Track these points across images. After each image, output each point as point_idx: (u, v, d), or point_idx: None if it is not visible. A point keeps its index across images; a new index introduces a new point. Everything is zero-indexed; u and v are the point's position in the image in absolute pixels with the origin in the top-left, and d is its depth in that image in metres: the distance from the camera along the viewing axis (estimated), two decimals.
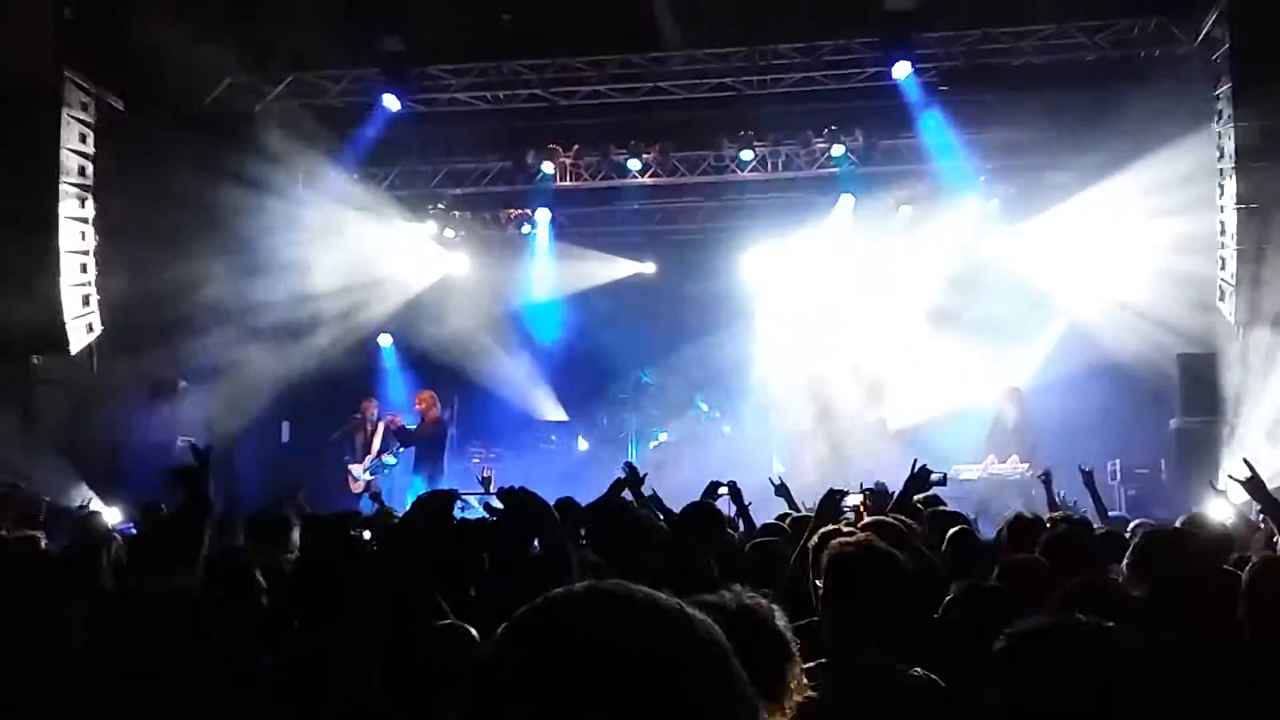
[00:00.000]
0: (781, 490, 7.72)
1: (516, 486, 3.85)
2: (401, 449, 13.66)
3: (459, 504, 3.89)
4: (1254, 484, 4.93)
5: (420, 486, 12.07)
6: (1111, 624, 2.01)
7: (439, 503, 3.50)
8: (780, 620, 2.49)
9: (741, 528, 6.58)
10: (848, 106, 13.68)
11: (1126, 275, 12.77)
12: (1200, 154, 11.64)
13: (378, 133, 13.64)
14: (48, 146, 10.75)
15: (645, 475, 6.66)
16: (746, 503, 7.05)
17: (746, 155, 14.12)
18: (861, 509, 5.93)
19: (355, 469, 13.35)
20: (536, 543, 3.56)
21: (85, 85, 11.08)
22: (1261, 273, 10.89)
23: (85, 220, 11.28)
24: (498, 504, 3.60)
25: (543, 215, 15.60)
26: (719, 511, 5.54)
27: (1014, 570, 4.13)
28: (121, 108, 11.56)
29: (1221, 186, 11.39)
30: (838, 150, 14.14)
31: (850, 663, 3.15)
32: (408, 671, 3.02)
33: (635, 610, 1.09)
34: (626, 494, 6.40)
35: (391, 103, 13.32)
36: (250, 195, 12.51)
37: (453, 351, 15.69)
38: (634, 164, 14.53)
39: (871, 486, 6.41)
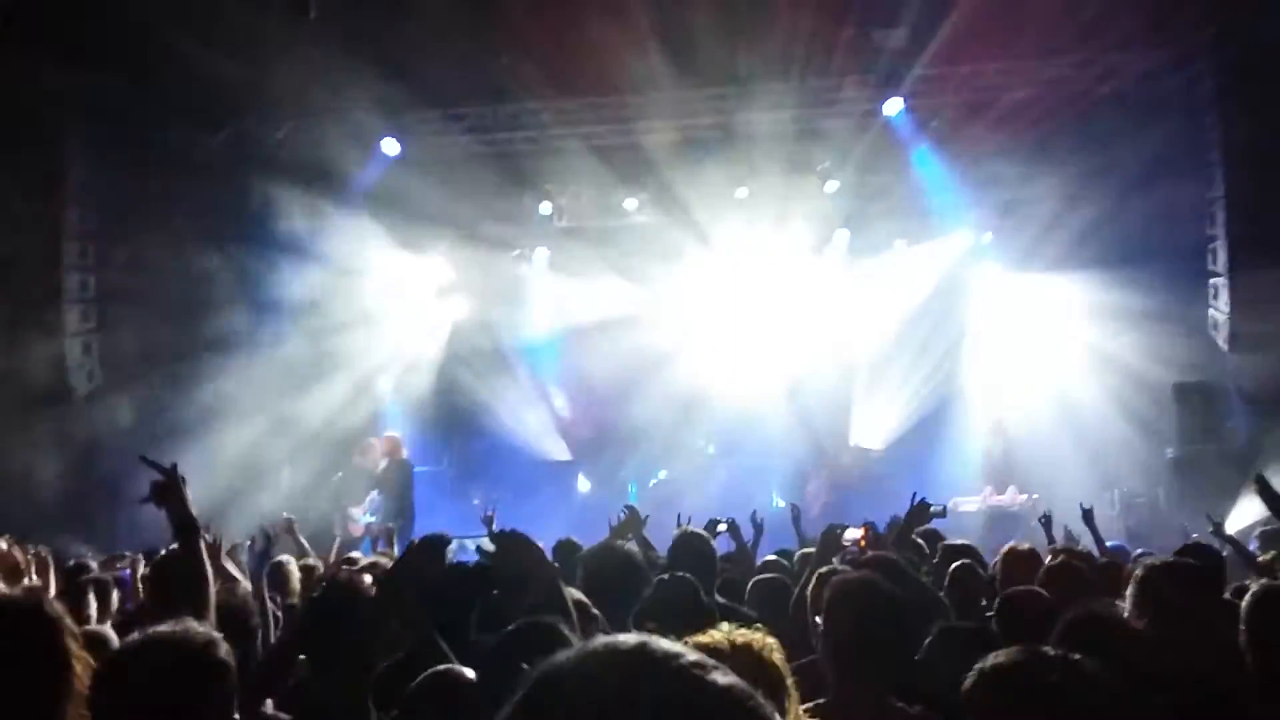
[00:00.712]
0: (794, 518, 7.80)
1: (509, 529, 3.88)
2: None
3: (455, 547, 3.90)
4: (1271, 497, 4.89)
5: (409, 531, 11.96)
6: (1078, 656, 2.04)
7: (432, 546, 3.51)
8: (777, 655, 2.51)
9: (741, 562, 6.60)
10: (841, 143, 13.81)
11: (1121, 304, 12.85)
12: (1191, 185, 11.77)
13: (377, 176, 13.80)
14: (52, 191, 10.82)
15: (647, 517, 6.68)
16: (746, 540, 7.06)
17: (741, 193, 14.24)
18: (862, 542, 5.96)
19: (354, 511, 13.25)
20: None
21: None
22: (1253, 301, 10.98)
23: (89, 268, 11.34)
24: (490, 546, 3.62)
25: (540, 254, 15.70)
26: (709, 541, 5.56)
27: (1011, 603, 4.15)
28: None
29: (1212, 216, 11.50)
30: (831, 186, 14.26)
31: (849, 700, 3.17)
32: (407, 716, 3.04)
33: (673, 681, 1.04)
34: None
35: (391, 147, 13.49)
36: (254, 237, 12.60)
37: (454, 392, 15.76)
38: (630, 203, 14.66)
39: (872, 521, 6.44)
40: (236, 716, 2.48)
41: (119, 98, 11.04)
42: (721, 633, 2.51)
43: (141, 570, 6.59)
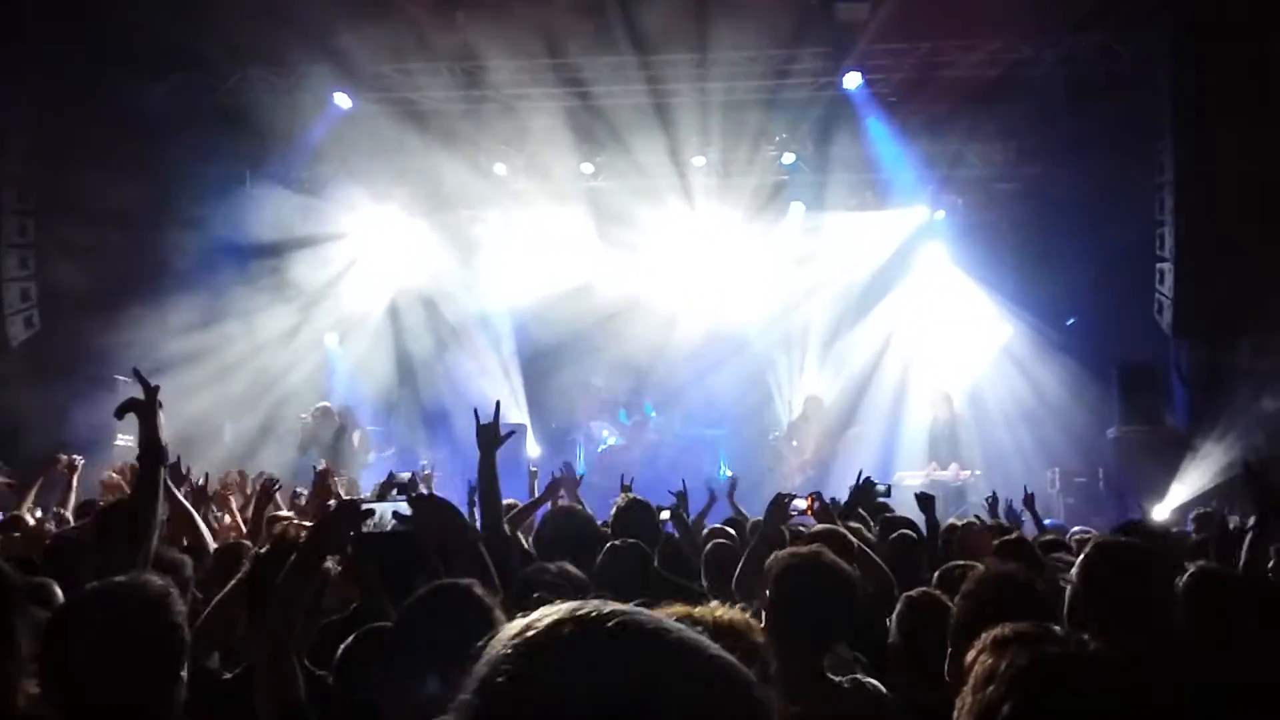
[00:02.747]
0: (730, 490, 7.83)
1: (428, 493, 3.82)
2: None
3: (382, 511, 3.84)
4: (1261, 485, 4.91)
5: None
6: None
7: (348, 511, 3.45)
8: (759, 637, 2.49)
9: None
10: (799, 115, 13.80)
11: (1067, 285, 13.03)
12: (1140, 168, 11.91)
13: (328, 131, 13.56)
14: None
15: (582, 476, 6.70)
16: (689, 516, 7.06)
17: (698, 161, 14.21)
18: (809, 511, 6.00)
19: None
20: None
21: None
22: (1197, 286, 11.16)
23: (28, 212, 11.06)
24: (407, 510, 3.58)
25: (494, 215, 15.53)
26: (653, 509, 5.57)
27: (950, 576, 4.17)
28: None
29: (1161, 201, 11.66)
30: (789, 158, 14.28)
31: (792, 673, 3.17)
32: (328, 679, 3.01)
33: (654, 650, 0.99)
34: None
35: (342, 101, 13.25)
36: (198, 189, 12.34)
37: (403, 351, 15.62)
38: (586, 167, 14.56)
39: (818, 490, 6.52)
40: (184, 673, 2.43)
41: (60, 44, 10.74)
42: (707, 609, 2.47)
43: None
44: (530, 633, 1.01)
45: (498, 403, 4.77)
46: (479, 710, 0.98)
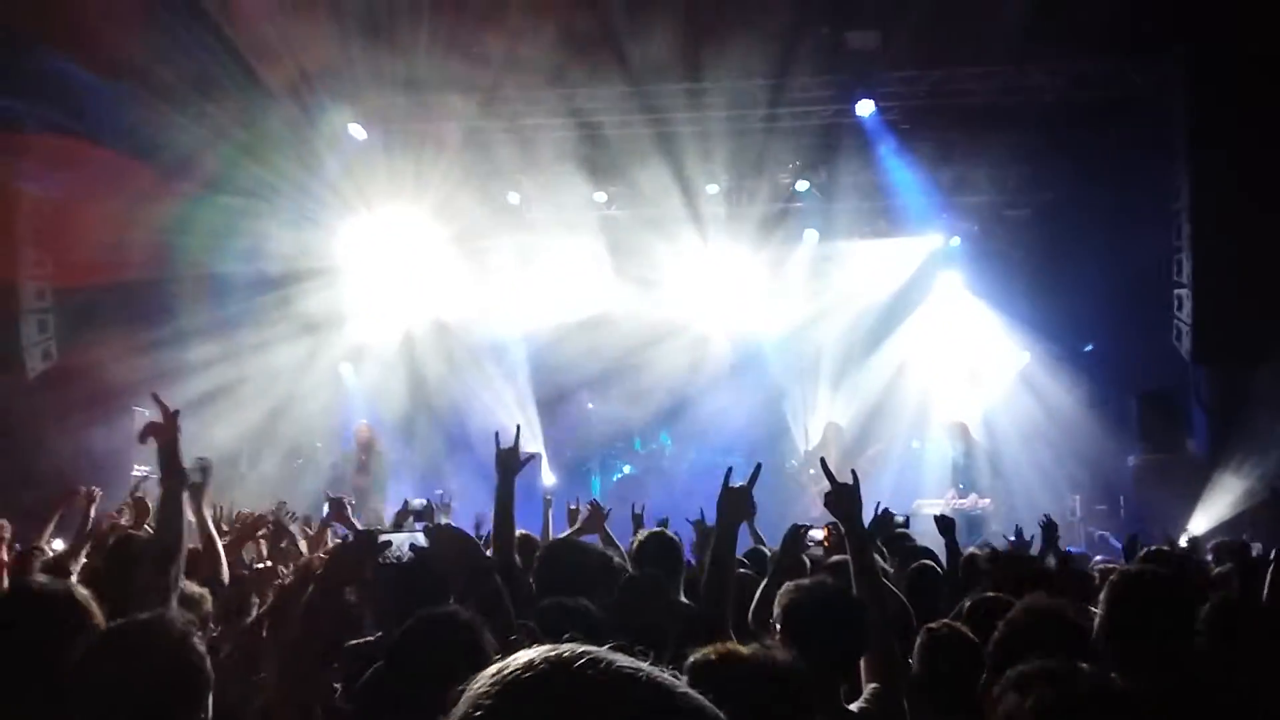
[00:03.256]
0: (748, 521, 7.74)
1: (444, 523, 3.80)
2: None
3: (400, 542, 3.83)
4: None
5: None
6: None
7: (365, 543, 3.44)
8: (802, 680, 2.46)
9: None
10: (812, 142, 13.83)
11: (1084, 311, 12.98)
12: (1156, 193, 11.88)
13: (343, 161, 13.64)
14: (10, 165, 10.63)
15: (609, 510, 6.64)
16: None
17: (711, 189, 14.23)
18: (826, 543, 5.95)
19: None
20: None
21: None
22: (1216, 312, 11.09)
23: (45, 244, 11.14)
24: (423, 541, 3.57)
25: (508, 244, 15.56)
26: (674, 540, 5.52)
27: (979, 609, 4.12)
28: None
29: (1178, 227, 11.61)
30: (802, 185, 14.29)
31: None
32: (345, 709, 2.98)
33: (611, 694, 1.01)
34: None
35: (358, 132, 13.35)
36: (215, 221, 12.41)
37: (418, 380, 15.62)
38: (599, 196, 14.60)
39: (834, 521, 6.46)
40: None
41: (79, 71, 10.86)
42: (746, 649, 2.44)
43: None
44: (504, 673, 1.04)
45: (518, 427, 4.75)
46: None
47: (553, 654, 1.05)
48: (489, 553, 4.41)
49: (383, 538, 3.10)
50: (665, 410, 15.80)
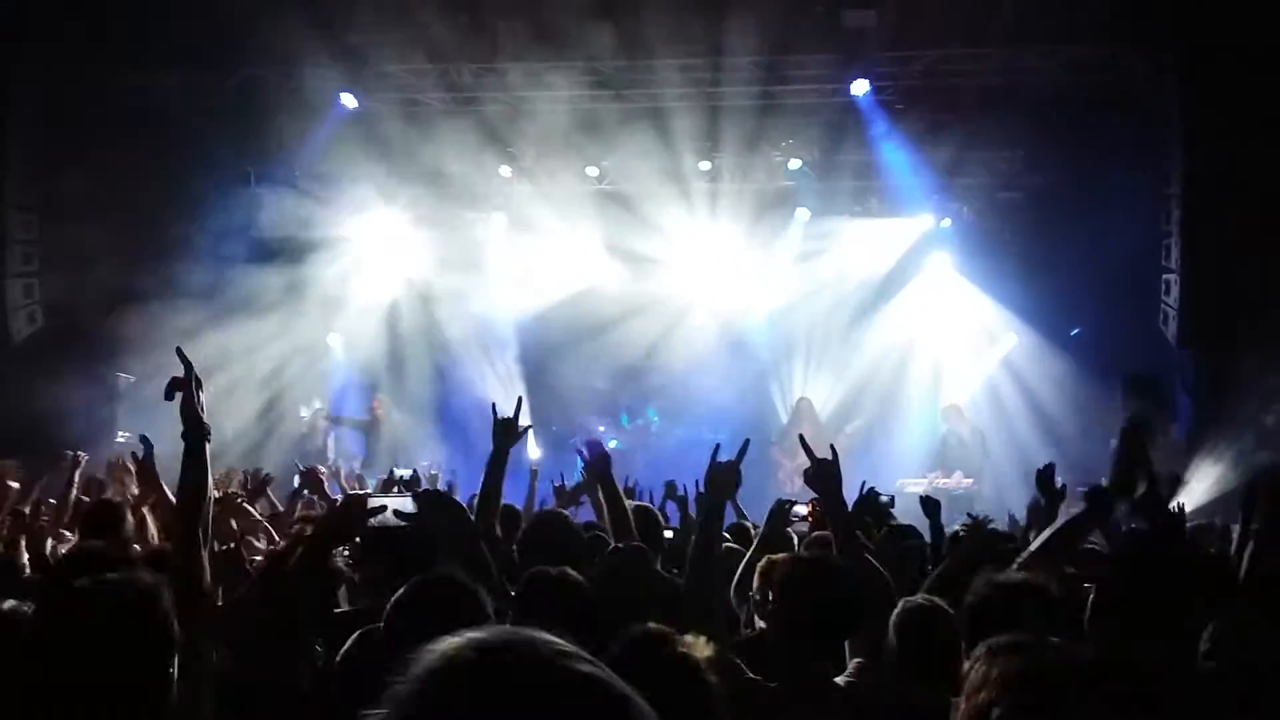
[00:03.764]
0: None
1: (432, 490, 3.82)
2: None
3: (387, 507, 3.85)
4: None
5: None
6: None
7: (353, 508, 3.45)
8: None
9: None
10: (806, 121, 13.80)
11: (1072, 294, 13.02)
12: (1147, 179, 11.90)
13: (333, 130, 13.57)
14: None
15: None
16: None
17: (704, 166, 14.21)
18: (810, 518, 5.98)
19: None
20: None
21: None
22: (1203, 297, 11.14)
23: (31, 208, 11.07)
24: (409, 507, 3.58)
25: (499, 217, 15.52)
26: (655, 512, 5.57)
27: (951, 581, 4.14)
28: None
29: (1168, 212, 11.64)
30: (794, 164, 14.27)
31: (800, 678, 3.17)
32: (333, 673, 3.00)
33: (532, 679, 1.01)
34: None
35: (349, 101, 13.27)
36: (202, 186, 12.34)
37: (405, 351, 15.61)
38: (591, 171, 14.56)
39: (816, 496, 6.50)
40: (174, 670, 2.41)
41: (65, 40, 10.77)
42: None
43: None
44: (430, 660, 1.04)
45: (519, 399, 4.81)
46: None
47: (477, 639, 1.05)
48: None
49: (371, 503, 3.11)
50: (653, 386, 15.83)
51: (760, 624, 4.12)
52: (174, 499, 5.40)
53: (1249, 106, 10.51)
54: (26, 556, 5.05)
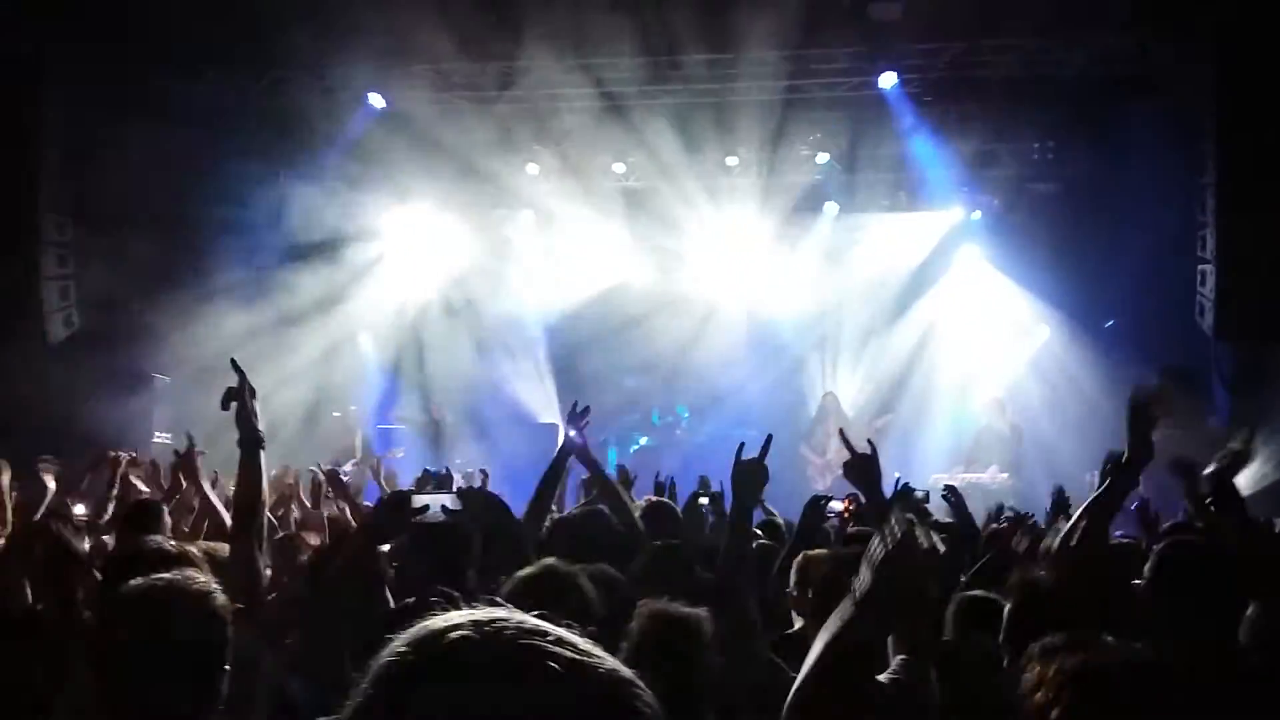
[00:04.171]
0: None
1: (475, 488, 3.85)
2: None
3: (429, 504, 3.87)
4: None
5: None
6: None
7: (398, 504, 3.46)
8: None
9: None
10: (833, 115, 13.73)
11: (1106, 286, 12.89)
12: (1181, 168, 11.76)
13: (362, 131, 13.64)
14: (28, 132, 10.62)
15: (635, 478, 6.70)
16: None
17: (731, 161, 14.16)
18: (846, 513, 5.96)
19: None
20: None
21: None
22: (1240, 287, 10.99)
23: (66, 211, 11.18)
24: (454, 505, 3.60)
25: (526, 215, 15.55)
26: (675, 509, 5.61)
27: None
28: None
29: (1203, 202, 11.50)
30: (822, 158, 14.20)
31: None
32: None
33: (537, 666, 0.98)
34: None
35: (376, 101, 13.33)
36: (233, 189, 12.43)
37: (435, 350, 15.65)
38: (618, 167, 14.56)
39: (855, 493, 6.47)
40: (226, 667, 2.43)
41: (98, 42, 10.86)
42: None
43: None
44: (423, 635, 1.02)
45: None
46: (371, 701, 1.00)
47: (475, 617, 1.03)
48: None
49: (415, 501, 3.13)
50: (682, 383, 15.80)
51: (798, 621, 4.10)
52: (211, 494, 5.49)
53: None
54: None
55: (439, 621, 1.03)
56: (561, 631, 1.02)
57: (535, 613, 1.05)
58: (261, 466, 3.26)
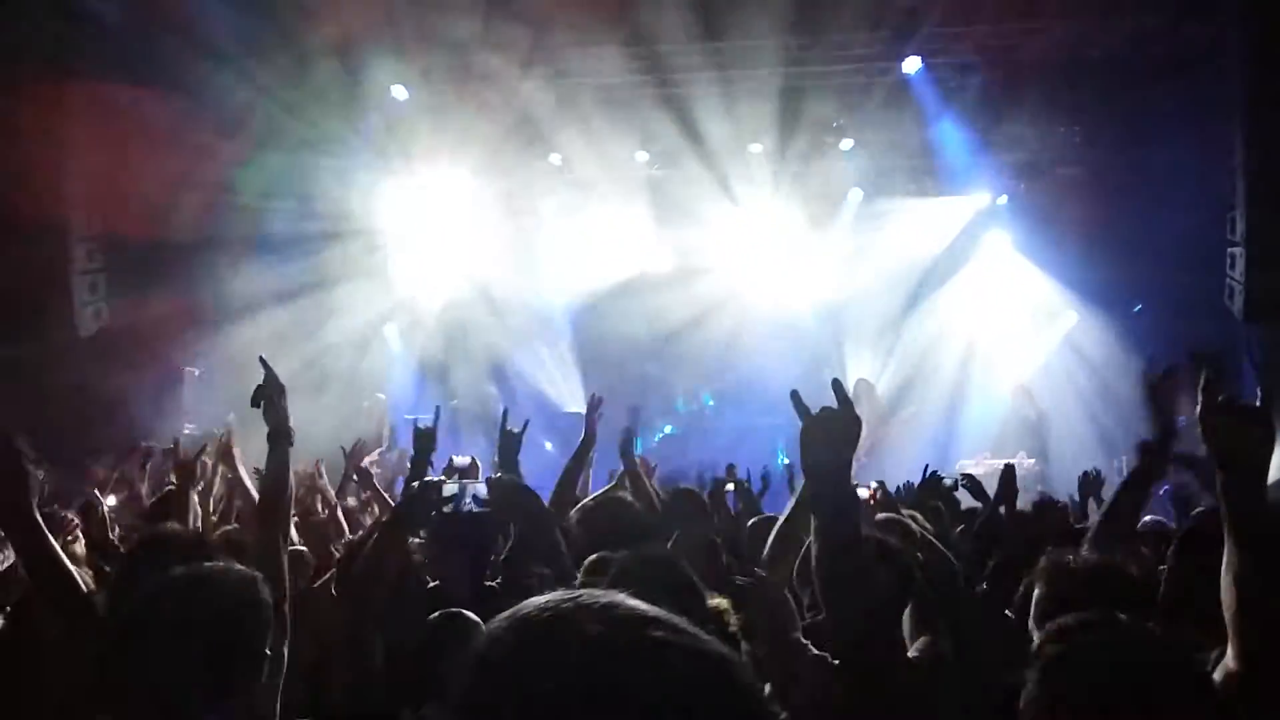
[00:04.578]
0: (790, 479, 7.81)
1: (505, 477, 3.87)
2: None
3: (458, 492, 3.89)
4: None
5: None
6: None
7: (427, 492, 3.50)
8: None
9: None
10: (858, 100, 13.65)
11: (1134, 271, 12.78)
12: (1210, 151, 11.63)
13: (385, 122, 13.68)
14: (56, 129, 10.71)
15: (655, 466, 6.72)
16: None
17: (755, 148, 14.11)
18: (871, 501, 5.96)
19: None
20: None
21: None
22: (1270, 271, 10.88)
23: (95, 204, 11.26)
24: (485, 493, 3.63)
25: (549, 205, 15.56)
26: (701, 497, 5.63)
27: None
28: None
29: (1233, 185, 11.37)
30: (847, 144, 14.13)
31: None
32: (406, 655, 3.04)
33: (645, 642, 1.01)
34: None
35: (400, 92, 13.36)
36: (261, 173, 12.51)
37: (461, 341, 15.71)
38: (642, 155, 14.54)
39: (882, 480, 6.48)
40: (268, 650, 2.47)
41: (125, 30, 10.93)
42: None
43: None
44: (527, 614, 1.05)
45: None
46: (476, 681, 1.03)
47: (573, 597, 1.06)
48: None
49: (446, 490, 3.17)
50: (707, 371, 15.79)
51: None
52: (249, 482, 5.56)
53: None
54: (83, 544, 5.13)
55: (540, 601, 1.06)
56: (663, 613, 1.05)
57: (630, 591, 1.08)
58: (288, 461, 3.33)
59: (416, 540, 3.74)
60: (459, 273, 15.73)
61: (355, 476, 7.18)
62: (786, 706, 2.85)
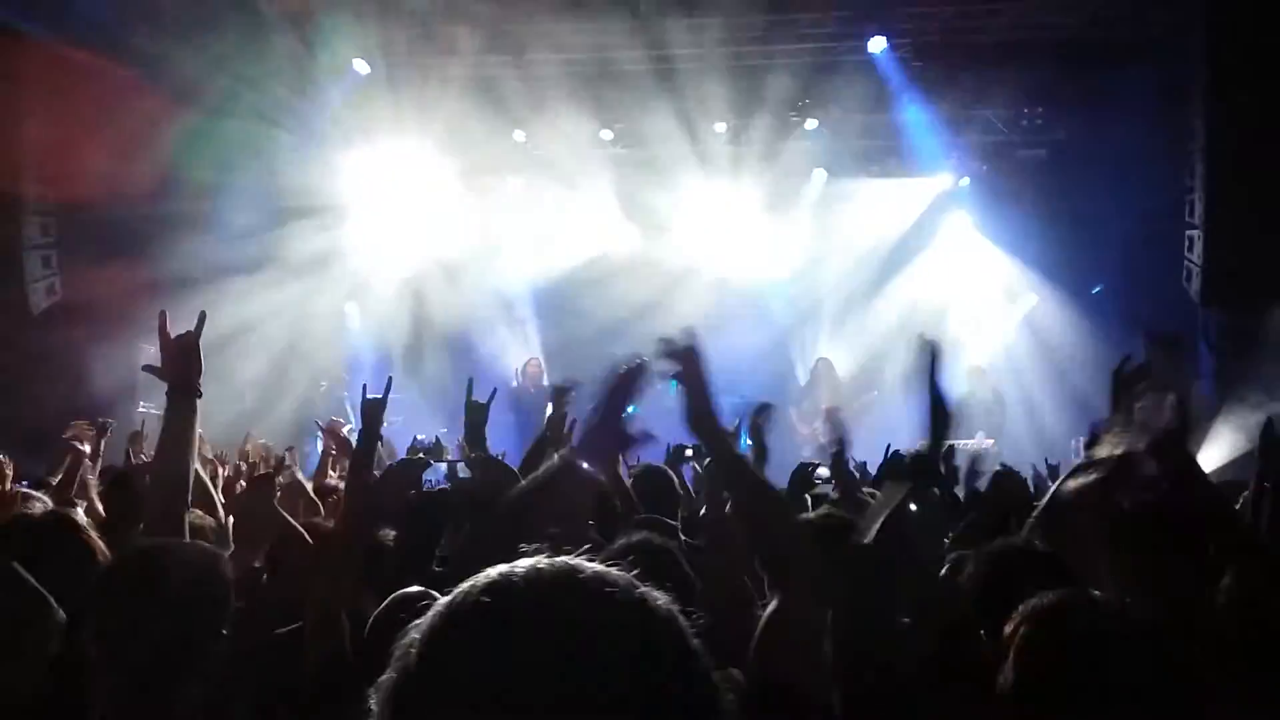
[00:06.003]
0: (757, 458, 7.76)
1: (483, 453, 3.83)
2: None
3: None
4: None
5: None
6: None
7: (409, 468, 3.46)
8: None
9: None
10: (822, 80, 13.62)
11: (1093, 252, 12.90)
12: (1170, 134, 11.73)
13: (346, 95, 13.50)
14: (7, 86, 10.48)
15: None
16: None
17: (719, 127, 14.05)
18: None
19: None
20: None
21: None
22: (1227, 253, 11.01)
23: (48, 178, 11.05)
24: (464, 471, 3.61)
25: (514, 183, 15.45)
26: (669, 475, 5.60)
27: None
28: None
29: (1192, 167, 11.48)
30: (811, 124, 14.11)
31: None
32: (376, 638, 3.00)
33: (588, 593, 1.02)
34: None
35: (361, 66, 13.18)
36: (219, 146, 12.32)
37: (424, 318, 15.57)
38: (605, 134, 14.45)
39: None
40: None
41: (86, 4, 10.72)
42: None
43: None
44: (482, 583, 1.07)
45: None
46: (439, 633, 1.08)
47: (534, 565, 1.06)
48: None
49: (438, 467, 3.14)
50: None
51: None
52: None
53: (1274, 58, 10.32)
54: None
55: (501, 569, 1.07)
56: (616, 573, 1.05)
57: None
58: (191, 430, 3.17)
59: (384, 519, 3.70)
60: (421, 250, 15.57)
61: (334, 450, 7.08)
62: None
